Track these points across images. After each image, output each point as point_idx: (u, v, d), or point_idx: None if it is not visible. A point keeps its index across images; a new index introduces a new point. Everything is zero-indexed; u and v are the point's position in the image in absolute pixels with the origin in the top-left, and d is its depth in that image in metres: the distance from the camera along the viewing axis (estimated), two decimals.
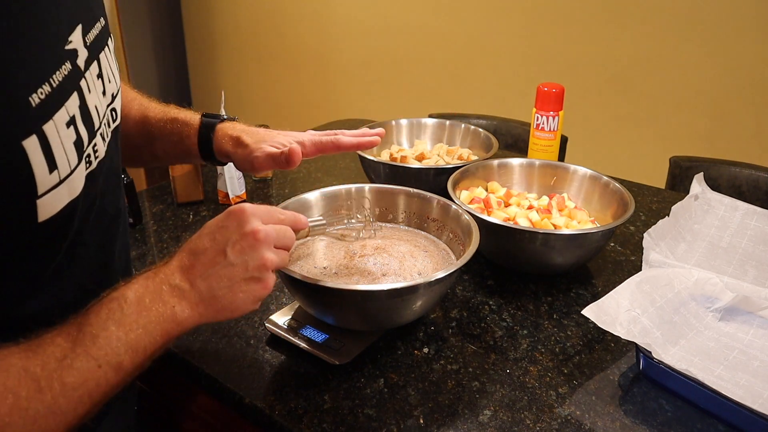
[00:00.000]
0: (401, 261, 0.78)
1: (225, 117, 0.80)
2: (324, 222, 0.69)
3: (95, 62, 0.54)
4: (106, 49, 0.57)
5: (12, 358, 0.44)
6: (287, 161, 0.70)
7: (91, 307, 0.49)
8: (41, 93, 0.44)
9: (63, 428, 0.45)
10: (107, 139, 0.56)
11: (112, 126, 0.59)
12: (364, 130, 0.81)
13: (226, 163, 0.80)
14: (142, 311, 0.50)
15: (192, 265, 0.54)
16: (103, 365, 0.46)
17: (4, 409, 0.41)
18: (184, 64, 3.66)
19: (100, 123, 0.54)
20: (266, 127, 1.20)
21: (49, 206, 0.46)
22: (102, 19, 0.57)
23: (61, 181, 0.46)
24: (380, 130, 0.81)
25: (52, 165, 0.45)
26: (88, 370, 0.46)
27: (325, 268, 0.77)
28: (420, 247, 0.83)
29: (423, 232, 0.87)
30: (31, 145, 0.43)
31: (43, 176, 0.44)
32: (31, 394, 0.43)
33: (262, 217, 0.56)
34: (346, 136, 0.77)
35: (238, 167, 0.77)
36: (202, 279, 0.53)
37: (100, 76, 0.55)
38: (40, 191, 0.45)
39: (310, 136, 0.77)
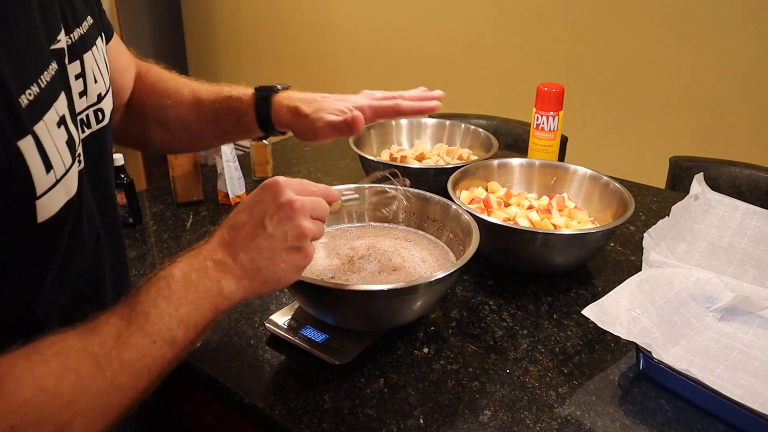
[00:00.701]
0: (398, 254, 0.79)
1: (279, 87, 0.78)
2: (356, 196, 0.69)
3: (77, 62, 0.54)
4: (94, 48, 0.57)
5: (70, 339, 0.45)
6: (350, 128, 0.69)
7: (141, 288, 0.50)
8: (30, 94, 0.44)
9: (126, 403, 0.46)
10: (82, 138, 0.56)
11: (95, 127, 0.59)
12: (423, 91, 0.77)
13: (285, 133, 0.79)
14: (190, 287, 0.50)
15: (233, 240, 0.54)
16: (157, 341, 0.47)
17: (68, 386, 0.42)
18: (184, 64, 3.66)
19: (79, 123, 0.54)
20: None
21: (47, 207, 0.46)
22: (89, 17, 0.57)
23: (57, 181, 0.47)
24: (440, 93, 0.77)
25: (47, 165, 0.45)
26: (144, 346, 0.47)
27: (332, 277, 0.77)
28: (401, 238, 0.84)
29: (423, 232, 0.87)
30: (27, 145, 0.43)
31: (40, 177, 0.45)
32: (92, 371, 0.44)
33: (295, 189, 0.57)
34: (406, 101, 0.74)
35: (298, 137, 0.76)
36: (244, 252, 0.54)
37: (80, 76, 0.54)
38: (39, 192, 0.45)
39: (369, 100, 0.74)
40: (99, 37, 0.59)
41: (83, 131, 0.57)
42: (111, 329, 0.46)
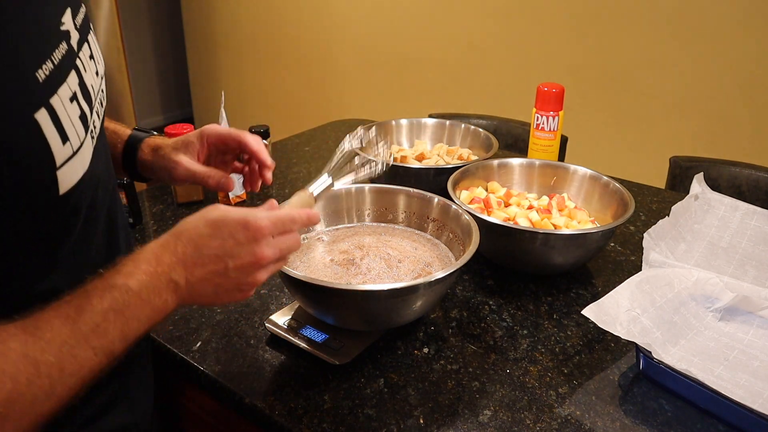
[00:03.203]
0: (398, 253, 0.79)
1: (155, 133, 0.78)
2: (329, 182, 0.69)
3: (86, 44, 0.56)
4: (91, 32, 0.59)
5: (11, 342, 0.44)
6: (219, 186, 0.70)
7: (93, 290, 0.49)
8: (45, 69, 0.46)
9: (56, 410, 0.46)
10: (101, 117, 0.58)
11: (105, 105, 0.61)
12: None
13: (148, 180, 0.78)
14: (141, 304, 0.51)
15: (194, 263, 0.54)
16: (99, 354, 0.48)
17: (3, 394, 0.42)
18: (184, 64, 3.66)
19: (95, 101, 0.55)
20: (266, 127, 1.20)
21: (67, 178, 0.48)
22: (83, 6, 0.59)
23: (74, 153, 0.49)
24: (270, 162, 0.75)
25: (63, 137, 0.47)
26: (86, 358, 0.47)
27: (332, 277, 0.77)
28: (401, 237, 0.85)
29: (422, 233, 0.87)
30: (43, 118, 0.45)
31: (58, 147, 0.47)
32: (30, 379, 0.43)
33: (274, 235, 0.56)
34: (249, 137, 0.74)
35: (158, 179, 0.75)
36: (198, 279, 0.54)
37: (92, 57, 0.56)
38: (58, 162, 0.47)
39: (218, 127, 0.74)
40: (90, 24, 0.61)
41: (101, 111, 0.58)
42: (55, 335, 0.45)
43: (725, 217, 0.96)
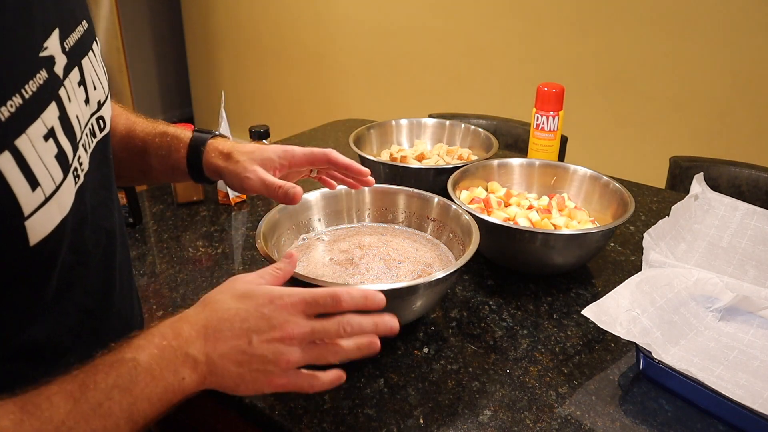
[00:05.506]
0: (398, 253, 0.79)
1: (217, 133, 0.77)
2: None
3: (76, 69, 0.51)
4: (90, 53, 0.54)
5: (4, 420, 0.41)
6: (286, 198, 0.67)
7: (99, 365, 0.46)
8: (11, 106, 0.40)
9: None
10: (89, 150, 0.53)
11: (99, 136, 0.56)
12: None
13: (214, 182, 0.77)
14: (151, 382, 0.47)
15: (216, 338, 0.51)
16: None
17: None
18: (184, 64, 3.66)
19: (81, 133, 0.51)
20: (266, 127, 1.20)
21: (39, 227, 0.43)
22: (84, 22, 0.54)
23: (47, 199, 0.43)
24: (371, 180, 0.77)
25: (33, 182, 0.42)
26: None
27: (332, 277, 0.77)
28: (401, 237, 0.85)
29: (422, 233, 0.87)
30: (5, 162, 0.40)
31: (25, 195, 0.41)
32: None
33: (308, 312, 0.52)
34: (336, 153, 0.74)
35: (227, 184, 0.74)
36: (220, 356, 0.50)
37: (82, 83, 0.52)
38: (27, 212, 0.42)
39: (301, 149, 0.74)
40: (94, 42, 0.56)
41: (91, 141, 0.54)
42: (54, 413, 0.42)
43: (725, 217, 0.96)
